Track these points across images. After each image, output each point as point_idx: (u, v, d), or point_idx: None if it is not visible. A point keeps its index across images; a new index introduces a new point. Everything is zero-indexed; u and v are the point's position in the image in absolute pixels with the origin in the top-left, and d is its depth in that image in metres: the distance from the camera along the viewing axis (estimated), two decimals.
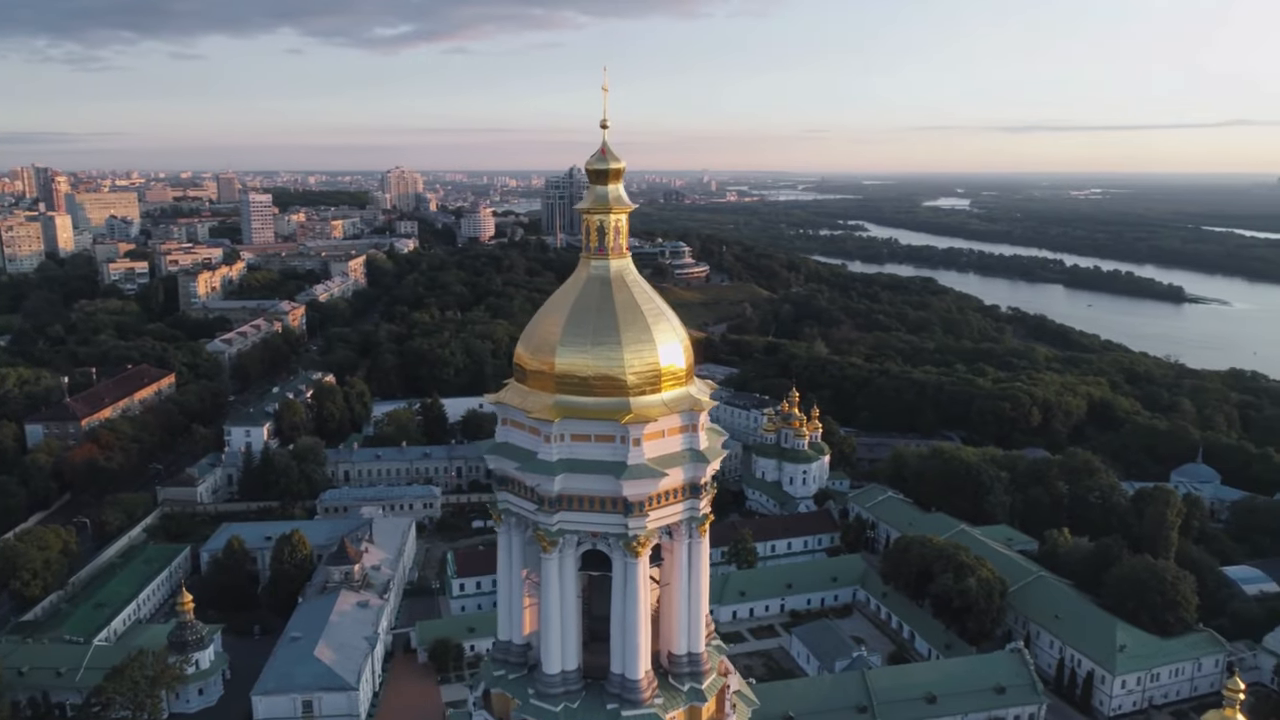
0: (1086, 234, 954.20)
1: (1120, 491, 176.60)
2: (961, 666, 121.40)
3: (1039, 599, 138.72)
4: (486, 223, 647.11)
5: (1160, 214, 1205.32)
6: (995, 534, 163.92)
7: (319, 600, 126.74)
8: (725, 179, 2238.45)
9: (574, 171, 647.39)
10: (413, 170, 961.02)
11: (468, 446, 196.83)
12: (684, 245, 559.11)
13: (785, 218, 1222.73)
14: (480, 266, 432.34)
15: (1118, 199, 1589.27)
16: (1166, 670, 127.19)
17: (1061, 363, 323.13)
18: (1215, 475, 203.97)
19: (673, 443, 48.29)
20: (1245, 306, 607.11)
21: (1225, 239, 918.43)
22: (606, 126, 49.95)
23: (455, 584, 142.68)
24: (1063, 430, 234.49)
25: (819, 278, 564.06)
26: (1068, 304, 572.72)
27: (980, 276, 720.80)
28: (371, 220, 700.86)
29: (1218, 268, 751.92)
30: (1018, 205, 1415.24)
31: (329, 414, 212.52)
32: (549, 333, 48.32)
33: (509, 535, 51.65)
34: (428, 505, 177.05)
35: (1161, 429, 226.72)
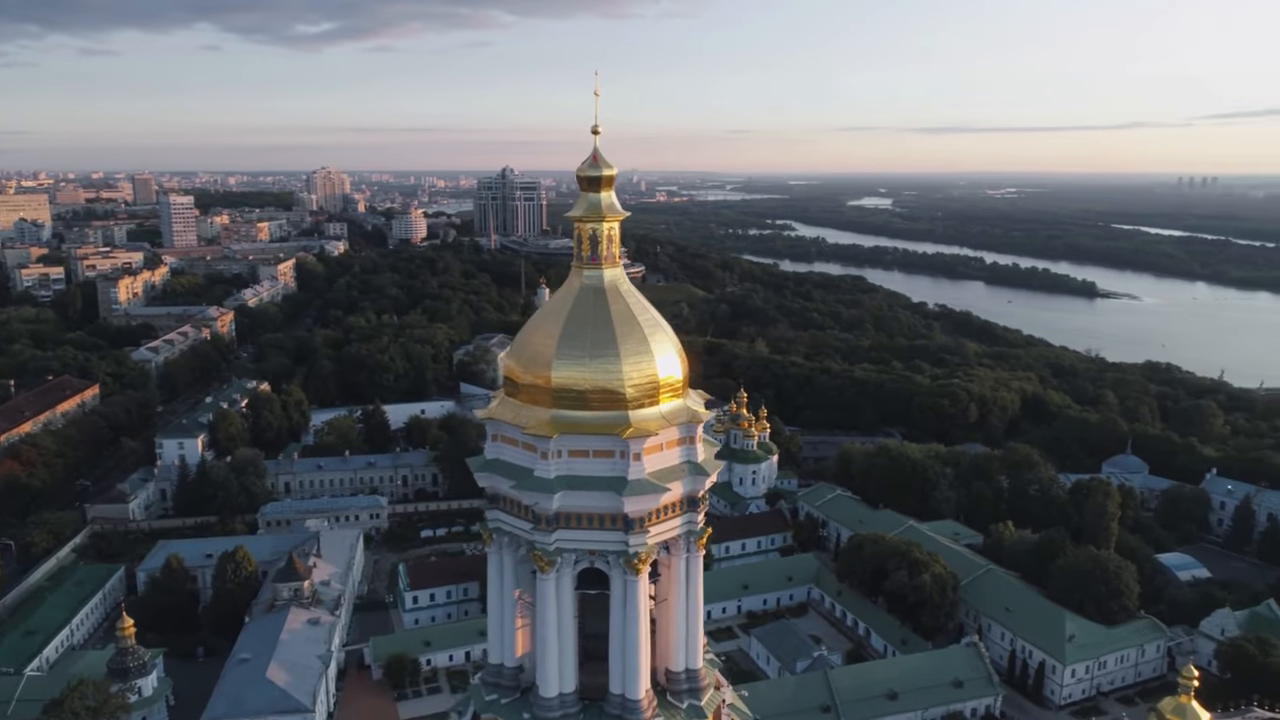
0: (1004, 232, 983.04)
1: (1059, 484, 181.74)
2: (920, 662, 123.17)
3: (989, 592, 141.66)
4: (418, 224, 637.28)
5: (1072, 212, 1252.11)
6: (942, 529, 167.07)
7: (267, 619, 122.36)
8: (654, 179, 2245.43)
9: (506, 172, 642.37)
10: (339, 171, 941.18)
11: (413, 454, 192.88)
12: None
13: (715, 218, 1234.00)
14: (414, 269, 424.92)
15: (1032, 198, 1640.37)
16: (1113, 658, 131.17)
17: (991, 358, 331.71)
18: (1144, 466, 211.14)
19: (671, 456, 47.26)
20: (1153, 301, 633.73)
21: (1133, 236, 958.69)
22: (598, 132, 48.56)
23: (408, 596, 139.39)
24: (999, 425, 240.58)
25: (753, 277, 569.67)
26: (989, 300, 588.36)
27: (905, 274, 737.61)
28: (299, 222, 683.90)
29: (1126, 264, 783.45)
30: (938, 204, 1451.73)
31: (266, 424, 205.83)
32: (543, 345, 46.72)
33: (500, 555, 49.77)
34: (374, 516, 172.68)
35: (1092, 422, 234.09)
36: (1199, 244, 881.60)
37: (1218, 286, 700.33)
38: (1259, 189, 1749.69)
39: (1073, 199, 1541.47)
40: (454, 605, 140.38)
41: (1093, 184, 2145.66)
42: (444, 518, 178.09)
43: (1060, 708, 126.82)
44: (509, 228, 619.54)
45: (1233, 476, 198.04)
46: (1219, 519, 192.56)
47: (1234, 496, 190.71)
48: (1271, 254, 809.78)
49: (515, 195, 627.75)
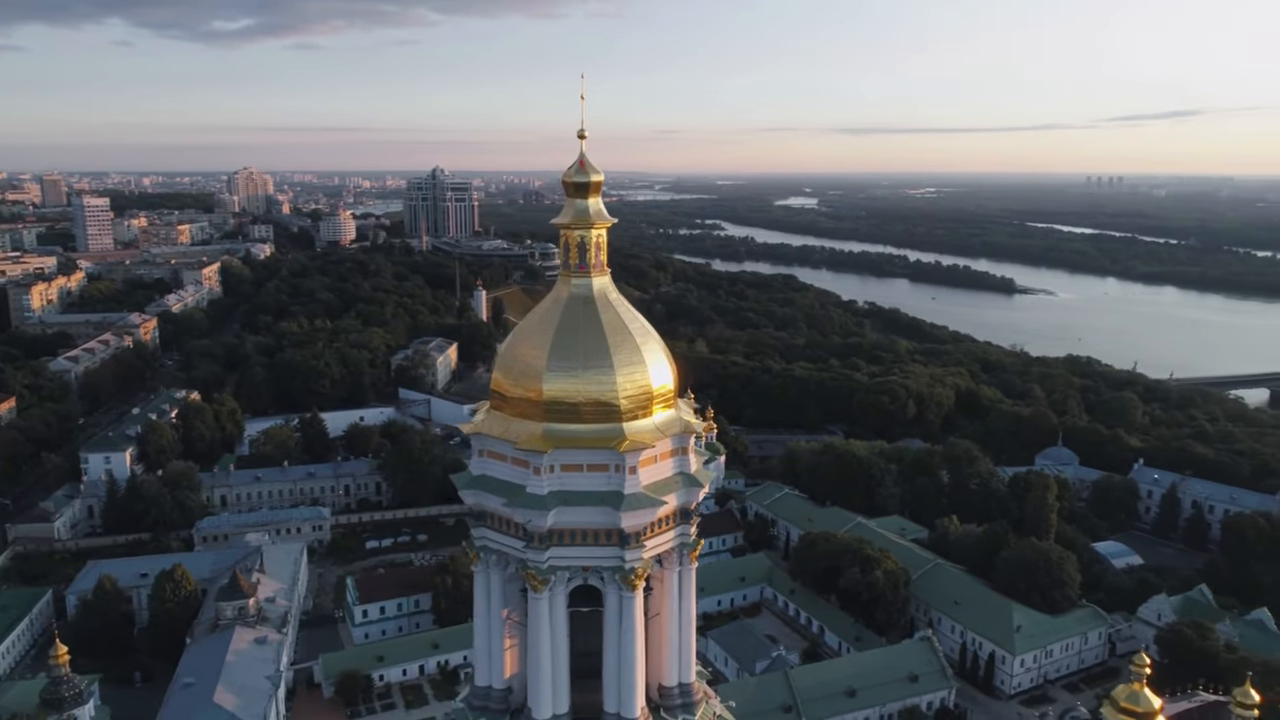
0: (926, 230, 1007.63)
1: (998, 477, 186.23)
2: (876, 659, 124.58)
3: (938, 586, 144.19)
4: (347, 226, 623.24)
5: (989, 211, 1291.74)
6: (889, 525, 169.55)
7: (211, 640, 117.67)
8: None
9: (437, 172, 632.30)
10: (261, 171, 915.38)
11: (355, 463, 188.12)
12: (553, 247, 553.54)
13: (645, 217, 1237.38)
14: (345, 272, 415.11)
15: (951, 197, 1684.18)
16: (1059, 646, 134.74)
17: (924, 355, 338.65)
18: (1074, 457, 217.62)
19: (665, 468, 46.44)
20: (1068, 296, 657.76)
21: (1047, 234, 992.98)
22: (584, 137, 47.21)
23: (358, 611, 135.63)
24: (935, 421, 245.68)
25: (686, 277, 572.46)
26: (913, 297, 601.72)
27: (833, 272, 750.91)
28: (221, 224, 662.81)
29: (1042, 260, 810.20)
30: (861, 204, 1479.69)
31: (198, 435, 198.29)
32: (533, 357, 45.29)
33: (487, 574, 48.10)
34: (317, 528, 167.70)
35: (1024, 415, 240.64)
36: (1108, 241, 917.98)
37: (1127, 282, 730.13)
38: (1161, 188, 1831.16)
39: (990, 198, 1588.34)
40: (405, 618, 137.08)
41: (1008, 183, 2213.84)
42: (389, 527, 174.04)
43: (1010, 697, 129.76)
44: (440, 229, 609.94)
45: (1158, 466, 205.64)
46: (1147, 507, 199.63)
47: (1160, 485, 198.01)
48: (1175, 250, 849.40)
49: (446, 196, 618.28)
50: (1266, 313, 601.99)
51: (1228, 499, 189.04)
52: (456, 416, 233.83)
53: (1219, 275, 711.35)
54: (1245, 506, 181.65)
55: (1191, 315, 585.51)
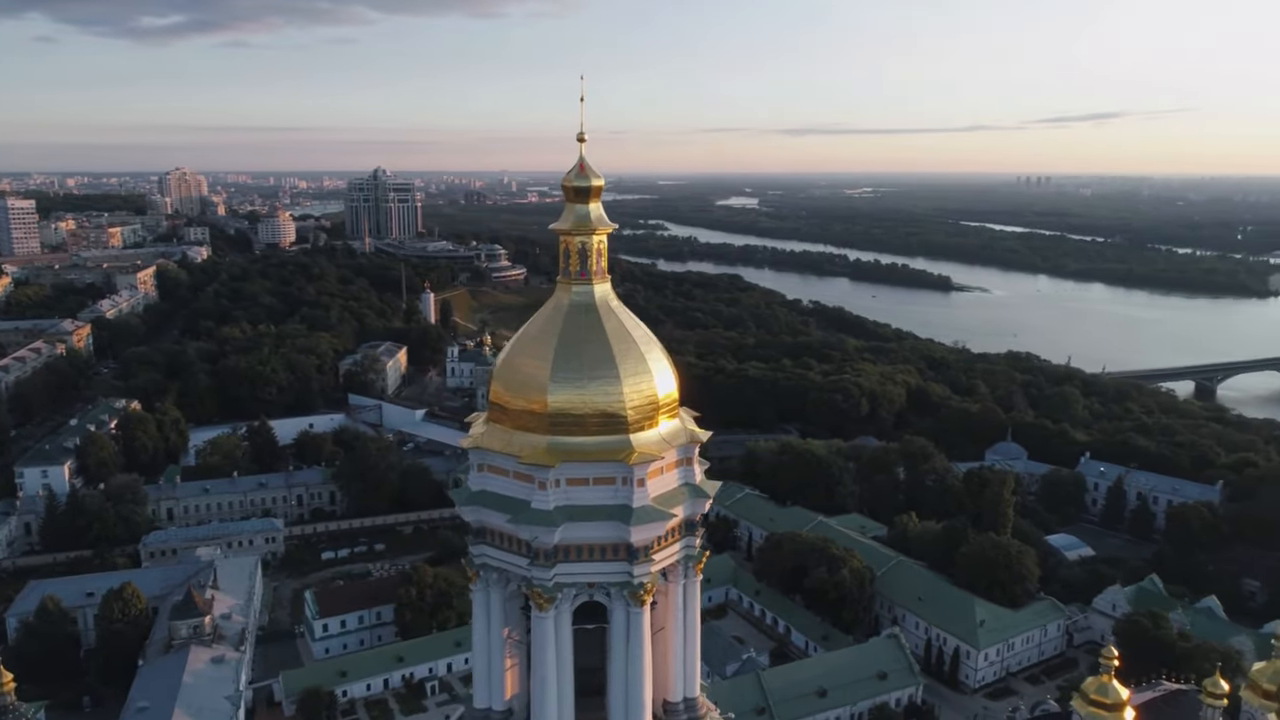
0: (864, 230, 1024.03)
1: (953, 473, 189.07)
2: (845, 658, 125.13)
3: (901, 583, 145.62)
4: (286, 228, 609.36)
5: (925, 211, 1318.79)
6: (849, 523, 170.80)
7: (165, 660, 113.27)
8: (525, 179, 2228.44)
9: (378, 173, 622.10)
10: (194, 172, 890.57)
11: (307, 472, 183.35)
12: (499, 248, 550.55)
13: None
14: (288, 275, 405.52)
15: (887, 197, 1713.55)
16: (1020, 639, 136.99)
17: (871, 353, 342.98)
18: (1023, 452, 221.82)
19: (671, 479, 45.52)
20: (1002, 293, 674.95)
21: (980, 232, 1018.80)
22: (584, 140, 45.90)
23: (318, 625, 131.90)
24: (888, 418, 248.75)
25: (633, 277, 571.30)
26: (854, 295, 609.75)
27: (775, 271, 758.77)
28: (154, 227, 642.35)
29: (976, 259, 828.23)
30: (801, 204, 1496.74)
31: (140, 446, 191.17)
32: (535, 368, 43.85)
33: (486, 593, 46.41)
34: (270, 540, 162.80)
35: (973, 412, 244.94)
36: (1039, 239, 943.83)
37: (1058, 279, 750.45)
38: (1086, 188, 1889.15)
39: (924, 198, 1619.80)
40: (367, 631, 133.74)
41: (942, 183, 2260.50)
42: (345, 538, 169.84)
43: (975, 691, 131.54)
44: (383, 230, 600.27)
45: (1103, 459, 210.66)
46: (1094, 499, 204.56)
47: (1107, 478, 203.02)
48: (1103, 248, 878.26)
49: (389, 197, 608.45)
50: (1189, 308, 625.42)
51: (1170, 490, 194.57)
52: (408, 422, 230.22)
53: (1144, 272, 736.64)
54: (1187, 497, 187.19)
55: (1119, 311, 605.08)
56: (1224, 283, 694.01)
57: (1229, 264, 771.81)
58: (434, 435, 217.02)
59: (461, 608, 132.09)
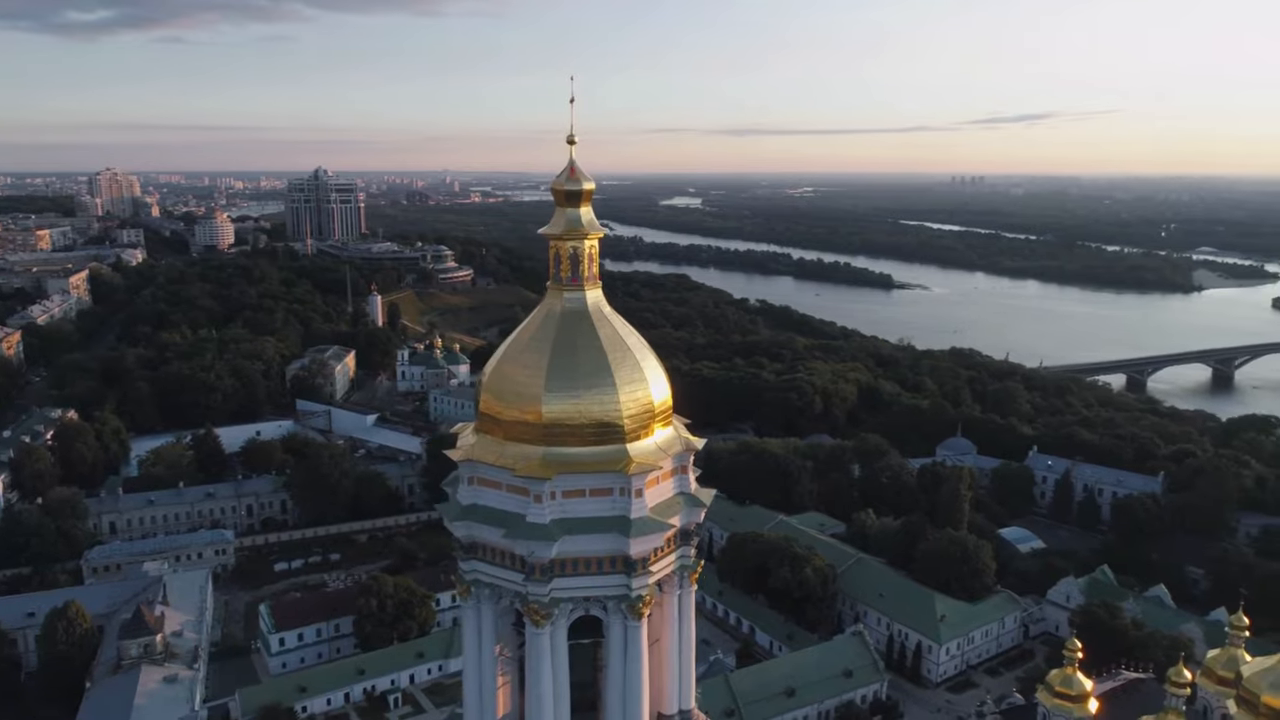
0: (806, 229, 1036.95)
1: (908, 470, 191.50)
2: (811, 657, 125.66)
3: (862, 580, 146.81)
4: (224, 229, 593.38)
5: (865, 210, 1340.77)
6: (808, 521, 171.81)
7: (114, 681, 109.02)
8: (468, 179, 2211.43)
9: (319, 173, 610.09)
10: (126, 172, 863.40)
11: (257, 481, 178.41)
12: (445, 249, 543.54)
13: (532, 218, 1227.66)
14: (228, 278, 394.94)
15: (828, 196, 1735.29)
16: (979, 633, 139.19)
17: (820, 351, 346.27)
18: (972, 447, 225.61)
19: (666, 488, 44.72)
20: (942, 291, 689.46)
21: (919, 231, 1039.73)
22: (574, 142, 44.86)
23: (274, 639, 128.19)
24: (841, 416, 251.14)
25: None
26: (798, 294, 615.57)
27: (720, 271, 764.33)
28: (85, 229, 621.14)
29: (915, 257, 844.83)
30: (744, 203, 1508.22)
31: (79, 457, 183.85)
32: (529, 377, 42.64)
33: (478, 610, 44.99)
34: (220, 552, 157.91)
35: (924, 408, 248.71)
36: (975, 238, 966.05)
37: (994, 276, 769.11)
38: (1018, 187, 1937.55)
39: (864, 197, 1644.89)
40: (325, 644, 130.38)
41: (880, 183, 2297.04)
42: (299, 548, 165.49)
43: (937, 685, 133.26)
44: (325, 231, 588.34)
45: (1050, 453, 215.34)
46: (1042, 492, 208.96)
47: (1054, 471, 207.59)
48: (1035, 246, 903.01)
49: (330, 197, 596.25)
50: (1118, 303, 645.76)
51: (1115, 482, 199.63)
52: (359, 427, 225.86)
53: (1075, 269, 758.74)
54: (1131, 489, 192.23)
55: (1053, 307, 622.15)
56: (1151, 279, 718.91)
57: (1155, 261, 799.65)
58: (386, 441, 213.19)
59: (423, 617, 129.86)
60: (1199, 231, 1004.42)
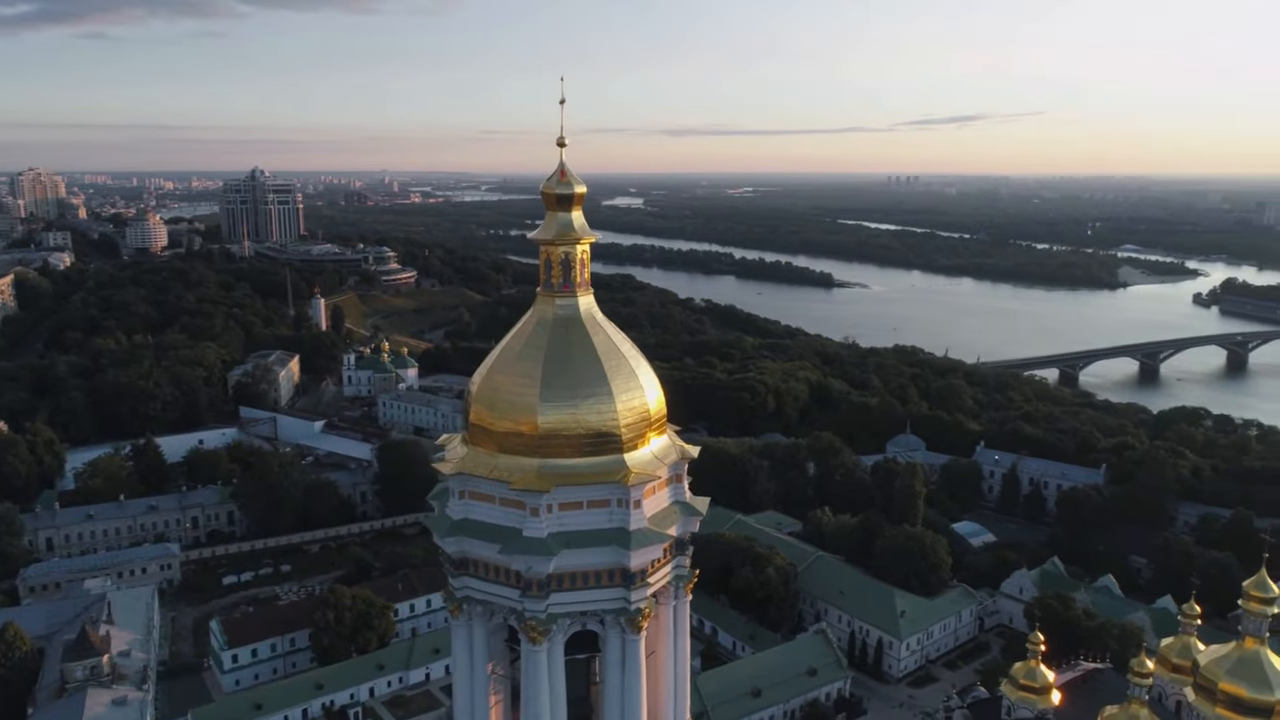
0: (747, 229, 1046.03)
1: (861, 467, 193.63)
2: (776, 656, 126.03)
3: (822, 578, 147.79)
4: (158, 232, 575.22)
5: (804, 210, 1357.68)
6: (765, 520, 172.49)
7: (59, 706, 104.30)
8: (407, 180, 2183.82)
9: (256, 173, 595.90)
10: (50, 172, 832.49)
11: (202, 492, 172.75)
12: (387, 250, 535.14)
13: (474, 218, 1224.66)
14: (163, 282, 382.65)
15: (767, 196, 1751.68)
16: (938, 627, 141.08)
17: (769, 350, 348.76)
18: (921, 443, 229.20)
19: (663, 498, 44.21)
20: (880, 289, 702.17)
21: (857, 230, 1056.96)
22: (565, 144, 44.03)
23: (227, 656, 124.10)
24: (793, 414, 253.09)
25: (527, 278, 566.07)
26: (741, 293, 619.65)
27: (663, 270, 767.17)
28: (8, 232, 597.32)
29: (854, 256, 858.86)
30: (685, 204, 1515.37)
31: (11, 471, 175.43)
32: (522, 387, 41.53)
33: (469, 628, 43.59)
34: (165, 567, 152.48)
35: (873, 405, 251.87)
36: (911, 236, 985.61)
37: (930, 274, 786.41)
38: (951, 187, 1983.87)
39: (802, 197, 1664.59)
40: (280, 659, 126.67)
41: (818, 183, 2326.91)
42: (248, 560, 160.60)
43: (898, 680, 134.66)
44: (262, 233, 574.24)
45: (996, 448, 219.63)
46: (990, 486, 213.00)
47: (1001, 466, 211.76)
48: (969, 244, 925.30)
49: (268, 198, 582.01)
50: (1049, 300, 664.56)
51: (1059, 475, 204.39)
52: (306, 434, 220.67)
53: (1008, 266, 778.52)
54: (1075, 481, 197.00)
55: (987, 303, 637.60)
56: (1079, 276, 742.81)
57: (1082, 258, 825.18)
58: (335, 448, 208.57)
59: (383, 629, 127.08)
60: (1122, 230, 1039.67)
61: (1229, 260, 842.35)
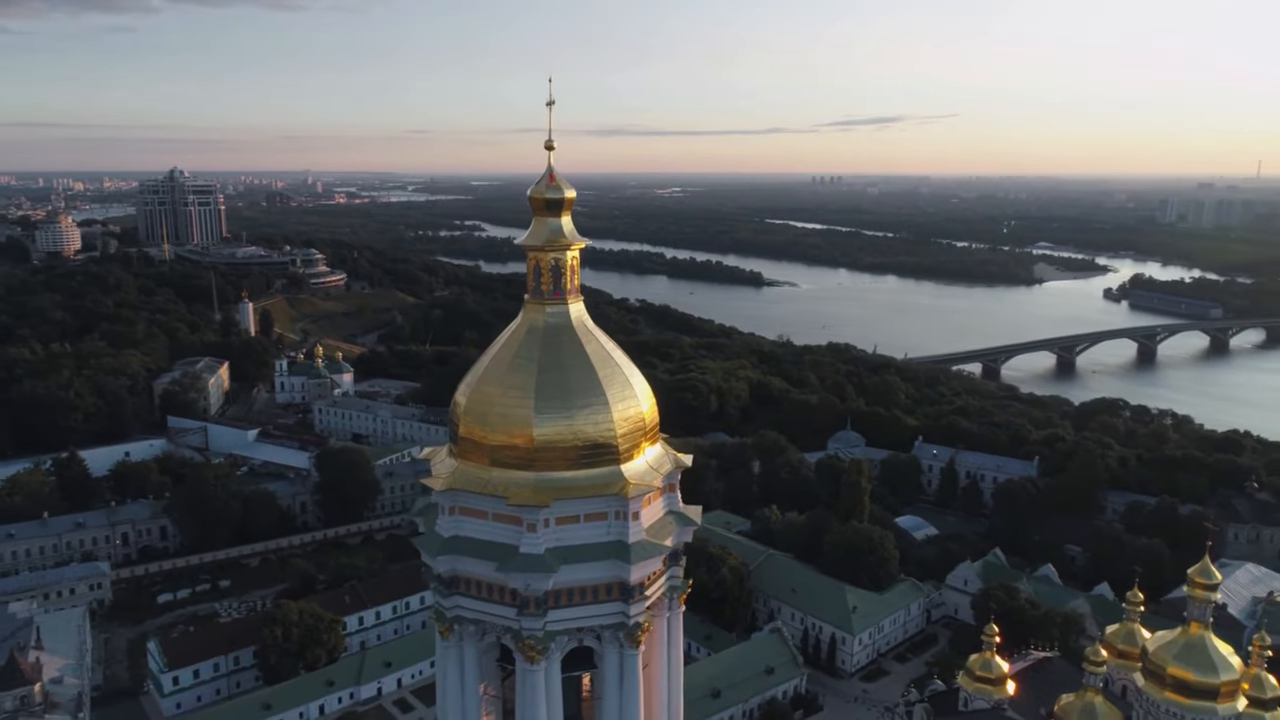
0: (677, 229, 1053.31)
1: (806, 465, 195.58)
2: (734, 657, 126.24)
3: (774, 577, 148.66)
4: (70, 234, 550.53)
5: (732, 210, 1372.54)
6: (714, 520, 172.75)
7: None
8: (331, 180, 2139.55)
9: (175, 173, 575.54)
10: None
11: (133, 507, 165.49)
12: (315, 252, 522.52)
13: (402, 219, 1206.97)
14: (78, 287, 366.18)
15: (695, 196, 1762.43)
16: (888, 621, 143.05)
17: (706, 350, 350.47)
18: (861, 439, 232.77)
19: (658, 508, 43.20)
20: (809, 287, 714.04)
21: (784, 230, 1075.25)
22: (552, 148, 42.86)
23: (167, 679, 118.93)
24: (735, 414, 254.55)
25: (459, 280, 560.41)
26: (673, 292, 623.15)
27: (594, 270, 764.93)
28: None
29: (783, 255, 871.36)
30: (614, 204, 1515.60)
31: None
32: (516, 399, 40.24)
33: (459, 649, 42.13)
34: (95, 587, 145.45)
35: (813, 403, 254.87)
36: (837, 235, 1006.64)
37: (856, 272, 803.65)
38: (874, 187, 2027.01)
39: (730, 197, 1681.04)
40: (224, 679, 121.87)
41: (744, 183, 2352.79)
42: (183, 576, 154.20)
43: (851, 675, 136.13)
44: (183, 236, 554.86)
45: (933, 442, 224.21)
46: (929, 480, 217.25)
47: (940, 460, 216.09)
48: (892, 243, 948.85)
49: (188, 200, 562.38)
50: (969, 296, 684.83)
51: (995, 468, 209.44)
52: (239, 443, 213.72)
53: (930, 264, 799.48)
54: (1010, 474, 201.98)
55: (912, 300, 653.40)
56: (997, 273, 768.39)
57: (1000, 255, 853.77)
58: (271, 457, 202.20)
59: (332, 644, 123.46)
60: (1036, 228, 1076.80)
61: (1135, 256, 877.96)
